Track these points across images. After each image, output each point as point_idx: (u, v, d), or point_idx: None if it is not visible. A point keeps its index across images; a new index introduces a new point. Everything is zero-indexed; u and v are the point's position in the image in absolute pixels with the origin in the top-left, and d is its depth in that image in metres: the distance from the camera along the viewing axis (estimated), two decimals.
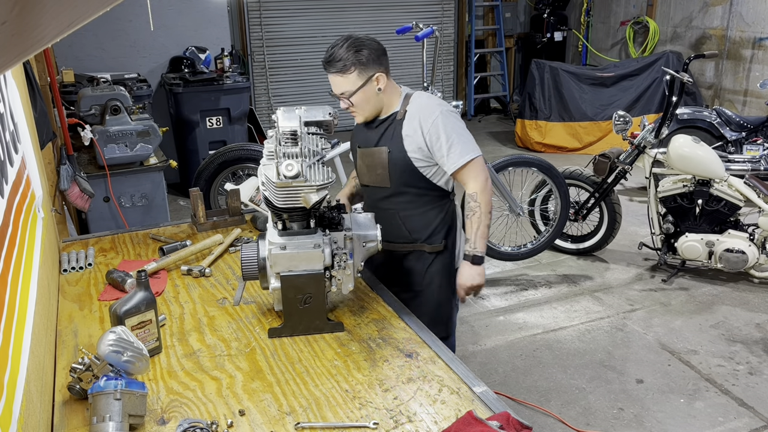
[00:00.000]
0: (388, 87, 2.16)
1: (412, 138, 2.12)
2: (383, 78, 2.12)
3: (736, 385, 3.16)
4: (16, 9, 0.49)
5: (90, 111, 3.76)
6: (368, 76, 2.09)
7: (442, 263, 2.33)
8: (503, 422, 1.38)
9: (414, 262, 2.31)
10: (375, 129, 2.22)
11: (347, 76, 2.08)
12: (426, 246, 2.28)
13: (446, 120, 2.12)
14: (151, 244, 2.49)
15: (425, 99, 2.18)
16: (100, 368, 1.43)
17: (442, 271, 2.33)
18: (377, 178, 2.23)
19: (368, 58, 2.08)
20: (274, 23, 7.71)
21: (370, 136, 2.23)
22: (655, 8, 7.66)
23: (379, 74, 2.11)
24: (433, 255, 2.30)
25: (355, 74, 2.08)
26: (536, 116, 7.22)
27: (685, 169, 4.03)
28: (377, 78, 2.11)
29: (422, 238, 2.28)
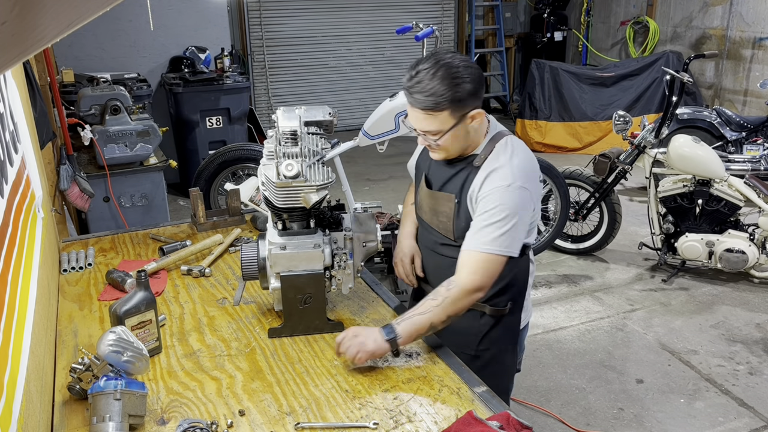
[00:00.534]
0: (480, 121, 1.75)
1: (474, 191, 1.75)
2: (480, 115, 1.72)
3: (736, 385, 3.16)
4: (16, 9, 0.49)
5: (90, 111, 3.76)
6: (463, 113, 1.68)
7: (505, 329, 1.92)
8: (503, 422, 1.38)
9: (470, 321, 1.88)
10: (446, 167, 1.84)
11: (437, 115, 1.67)
12: (487, 307, 1.86)
13: (508, 196, 1.68)
14: (151, 244, 2.49)
15: (507, 157, 1.74)
16: (100, 368, 1.43)
17: (504, 338, 1.93)
18: (440, 224, 1.87)
19: (467, 92, 1.66)
20: (274, 23, 7.71)
21: (439, 173, 1.87)
22: (655, 8, 7.66)
23: (476, 112, 1.70)
24: (494, 320, 1.89)
25: (447, 113, 1.67)
26: (536, 116, 7.22)
27: (685, 169, 4.03)
28: (473, 116, 1.70)
29: (484, 297, 1.80)
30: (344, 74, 8.24)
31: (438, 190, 1.86)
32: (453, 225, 1.82)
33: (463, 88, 1.65)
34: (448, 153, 1.78)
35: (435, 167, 1.89)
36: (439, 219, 1.87)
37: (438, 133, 1.71)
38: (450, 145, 1.74)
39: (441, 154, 1.79)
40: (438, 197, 1.85)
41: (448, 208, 1.82)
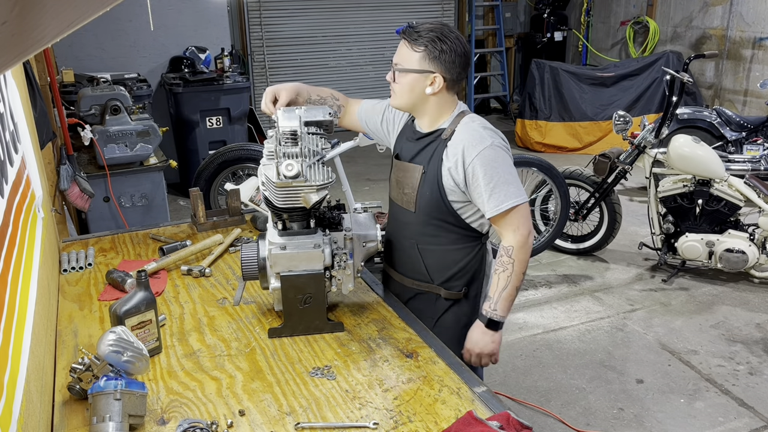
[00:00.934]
0: (441, 97, 1.87)
1: (452, 165, 1.85)
2: (440, 83, 1.83)
3: (736, 385, 3.16)
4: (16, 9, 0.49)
5: (90, 111, 3.77)
6: (428, 69, 1.82)
7: (459, 314, 2.00)
8: (503, 422, 1.38)
9: (424, 304, 2.01)
10: (416, 141, 1.95)
11: (412, 52, 1.81)
12: (442, 290, 1.98)
13: (495, 154, 1.82)
14: (151, 244, 2.49)
15: (477, 125, 1.88)
16: (100, 368, 1.43)
17: (457, 324, 2.00)
18: (404, 197, 1.97)
19: (443, 55, 1.80)
20: (274, 23, 7.71)
21: (409, 148, 1.98)
22: (655, 8, 7.66)
23: (439, 77, 1.82)
24: (449, 303, 1.99)
25: (419, 56, 1.81)
26: (536, 116, 7.22)
27: (685, 169, 4.03)
28: (435, 78, 1.83)
29: (440, 279, 1.97)
30: (344, 74, 8.24)
31: (408, 162, 1.96)
32: (416, 195, 1.92)
33: (442, 48, 1.80)
34: (400, 100, 1.90)
35: (407, 143, 2.00)
36: (403, 191, 1.97)
37: (404, 71, 1.84)
38: (404, 91, 1.87)
39: (394, 98, 1.92)
40: (405, 168, 1.96)
41: (414, 179, 1.92)
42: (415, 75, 1.84)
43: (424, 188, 1.90)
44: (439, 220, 1.92)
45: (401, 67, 1.85)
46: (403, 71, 1.85)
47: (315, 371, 1.64)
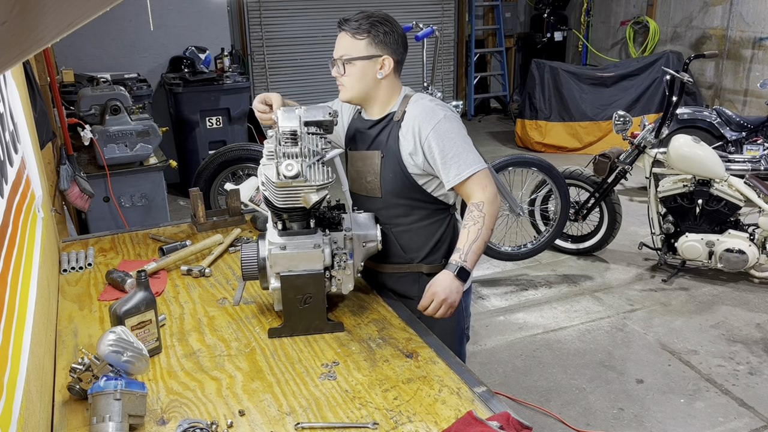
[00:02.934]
0: (390, 81, 1.94)
1: (409, 144, 1.91)
2: (390, 65, 1.90)
3: (736, 385, 3.16)
4: (16, 9, 0.49)
5: (90, 111, 3.77)
6: (376, 53, 1.88)
7: None
8: (503, 422, 1.38)
9: (409, 285, 2.04)
10: (368, 130, 2.01)
11: (356, 41, 1.86)
12: (423, 266, 2.02)
13: (449, 126, 1.88)
14: (151, 244, 2.49)
15: (427, 101, 1.94)
16: (100, 368, 1.43)
17: None
18: (367, 186, 2.01)
19: (387, 37, 1.88)
20: (274, 23, 7.71)
21: (363, 138, 2.02)
22: (655, 8, 7.66)
23: (388, 58, 1.89)
24: (431, 277, 1.96)
25: (364, 43, 1.86)
26: (536, 116, 7.22)
27: (685, 169, 4.03)
28: (384, 61, 1.89)
29: (419, 257, 2.02)
30: None
31: (365, 150, 2.00)
32: (380, 180, 1.97)
33: (383, 29, 1.87)
34: (353, 91, 1.94)
35: (359, 134, 2.04)
36: (366, 180, 2.01)
37: (350, 60, 1.88)
38: (356, 80, 1.91)
39: (345, 91, 1.95)
40: (363, 156, 2.00)
41: (375, 165, 1.97)
42: (365, 62, 1.88)
43: (386, 172, 1.96)
44: (407, 198, 1.98)
45: (349, 56, 1.89)
46: (351, 60, 1.89)
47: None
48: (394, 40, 1.90)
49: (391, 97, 1.98)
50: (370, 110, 2.02)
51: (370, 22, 1.86)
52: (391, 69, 1.92)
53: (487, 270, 4.50)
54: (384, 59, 1.90)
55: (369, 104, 2.00)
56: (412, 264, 2.04)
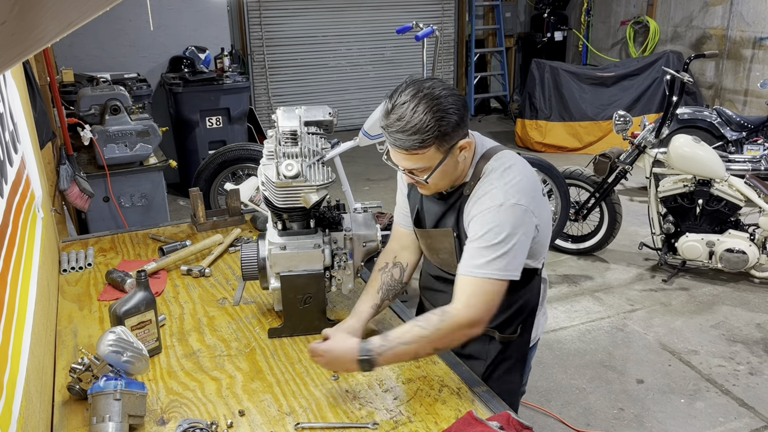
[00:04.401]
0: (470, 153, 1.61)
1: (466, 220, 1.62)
2: (469, 145, 1.58)
3: (736, 386, 3.16)
4: (16, 9, 0.49)
5: (90, 111, 3.76)
6: (450, 146, 1.54)
7: (513, 351, 1.82)
8: (503, 422, 1.37)
9: (479, 346, 1.80)
10: (438, 201, 1.72)
11: (423, 153, 1.52)
12: (496, 333, 1.78)
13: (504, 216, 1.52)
14: (151, 244, 2.49)
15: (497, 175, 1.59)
16: (100, 368, 1.43)
17: (512, 358, 1.82)
18: (442, 261, 1.78)
19: (453, 125, 1.51)
20: (274, 23, 7.71)
21: (431, 209, 1.75)
22: (656, 8, 7.66)
23: (465, 141, 1.56)
24: (503, 345, 1.80)
25: (433, 149, 1.51)
26: (536, 116, 7.22)
27: (686, 169, 4.03)
28: (461, 146, 1.56)
29: (494, 323, 1.72)
30: (344, 74, 8.24)
31: (433, 228, 1.74)
32: (456, 257, 1.68)
33: (448, 120, 1.49)
34: (438, 189, 1.65)
35: (426, 204, 1.76)
36: (440, 256, 1.77)
37: (425, 171, 1.56)
38: (439, 181, 1.60)
39: (430, 190, 1.66)
40: (434, 235, 1.73)
41: (448, 243, 1.70)
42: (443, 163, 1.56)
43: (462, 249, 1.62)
44: None
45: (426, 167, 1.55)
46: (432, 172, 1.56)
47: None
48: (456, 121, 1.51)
49: (467, 166, 1.65)
50: None
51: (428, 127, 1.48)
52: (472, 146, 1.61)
53: None
54: (459, 146, 1.55)
55: None
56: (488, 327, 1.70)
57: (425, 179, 1.57)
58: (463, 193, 1.64)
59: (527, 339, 1.83)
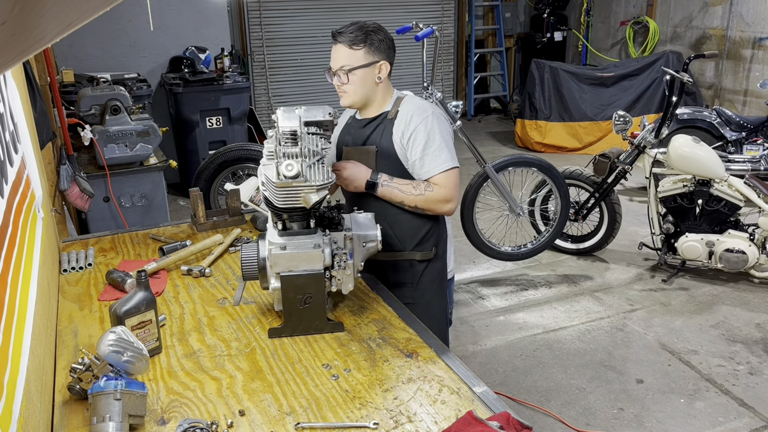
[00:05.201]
0: (385, 83, 2.12)
1: (400, 136, 2.08)
2: (386, 69, 2.08)
3: (736, 385, 3.16)
4: (16, 9, 0.49)
5: (90, 111, 3.76)
6: (374, 60, 2.05)
7: (434, 272, 2.24)
8: (503, 422, 1.38)
9: (403, 272, 2.21)
10: (363, 128, 2.17)
11: (354, 51, 2.02)
12: (416, 254, 2.19)
13: (436, 122, 2.06)
14: (151, 244, 2.49)
15: (419, 100, 2.14)
16: (100, 368, 1.43)
17: (434, 282, 2.25)
18: None
19: (381, 44, 2.04)
20: (274, 23, 7.71)
21: (357, 136, 2.18)
22: (655, 8, 7.66)
23: (384, 63, 2.07)
24: (424, 264, 2.22)
25: (362, 52, 2.02)
26: (536, 116, 7.22)
27: (685, 169, 4.03)
28: (381, 66, 2.06)
29: (412, 245, 2.19)
30: None
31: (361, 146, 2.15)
32: None
33: (377, 37, 2.03)
34: (355, 96, 2.08)
35: (350, 134, 2.20)
36: None
37: (350, 68, 2.02)
38: (358, 87, 2.06)
39: (348, 97, 2.09)
40: (358, 151, 2.14)
41: (370, 158, 2.11)
42: (365, 69, 2.04)
43: (381, 164, 2.10)
44: None
45: (350, 66, 2.03)
46: (353, 69, 2.03)
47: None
48: (387, 46, 2.06)
49: (386, 98, 2.14)
50: (366, 111, 2.18)
51: (364, 32, 2.02)
52: (388, 72, 2.09)
53: (487, 270, 4.50)
54: (381, 65, 2.06)
55: (367, 106, 2.16)
56: (405, 252, 2.19)
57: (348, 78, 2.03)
58: (387, 118, 2.11)
59: (443, 264, 2.28)
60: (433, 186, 2.06)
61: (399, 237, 2.18)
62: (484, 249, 4.26)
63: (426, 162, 2.06)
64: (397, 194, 2.08)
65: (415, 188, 2.07)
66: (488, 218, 4.46)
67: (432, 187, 2.06)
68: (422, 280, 2.23)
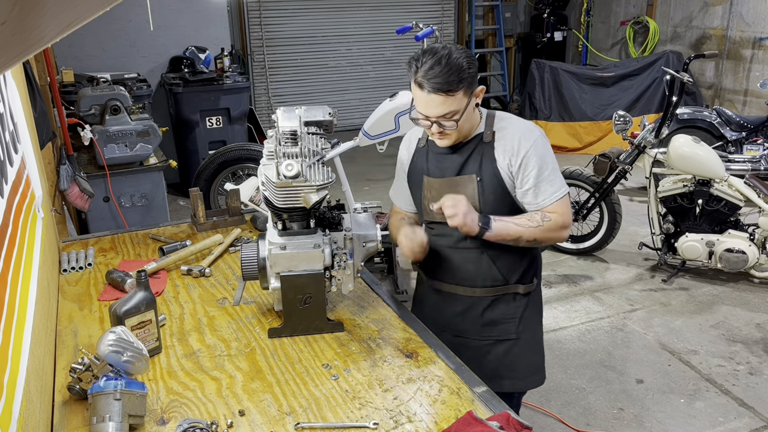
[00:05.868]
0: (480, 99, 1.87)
1: (506, 161, 1.83)
2: (482, 91, 1.84)
3: (736, 386, 3.16)
4: (16, 9, 0.49)
5: (90, 111, 3.76)
6: (471, 91, 1.78)
7: (535, 304, 2.03)
8: (503, 422, 1.38)
9: (507, 306, 1.97)
10: (452, 155, 1.89)
11: (453, 97, 1.74)
12: (520, 287, 1.96)
13: (546, 144, 1.84)
14: (151, 244, 2.49)
15: (519, 120, 1.89)
16: (100, 368, 1.43)
17: (534, 313, 2.04)
18: None
19: (472, 72, 1.77)
20: (274, 23, 7.71)
21: (447, 164, 1.90)
22: (655, 8, 7.66)
23: (480, 88, 1.82)
24: (527, 297, 1.99)
25: (461, 93, 1.75)
26: (536, 116, 7.22)
27: (685, 169, 4.03)
28: (477, 93, 1.81)
29: (515, 278, 1.95)
30: (344, 74, 8.24)
31: (455, 176, 1.88)
32: (480, 204, 1.86)
33: (469, 71, 1.75)
34: (459, 135, 1.84)
35: (439, 160, 1.92)
36: None
37: (455, 113, 1.77)
38: (463, 126, 1.81)
39: (451, 139, 1.84)
40: (457, 182, 1.88)
41: (471, 189, 1.86)
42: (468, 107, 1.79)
43: (487, 195, 1.85)
44: None
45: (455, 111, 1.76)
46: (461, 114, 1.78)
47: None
48: (476, 69, 1.79)
49: (477, 118, 1.89)
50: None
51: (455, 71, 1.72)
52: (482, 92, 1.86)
53: None
54: (477, 92, 1.82)
55: None
56: (508, 285, 1.96)
57: (457, 120, 1.77)
58: (483, 141, 1.86)
59: (540, 293, 2.08)
60: (549, 215, 1.83)
61: (500, 269, 1.94)
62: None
63: (542, 190, 1.83)
64: (513, 229, 1.82)
65: (530, 220, 1.83)
66: None
67: (549, 216, 1.83)
68: (525, 315, 2.00)
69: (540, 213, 1.84)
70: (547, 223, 1.83)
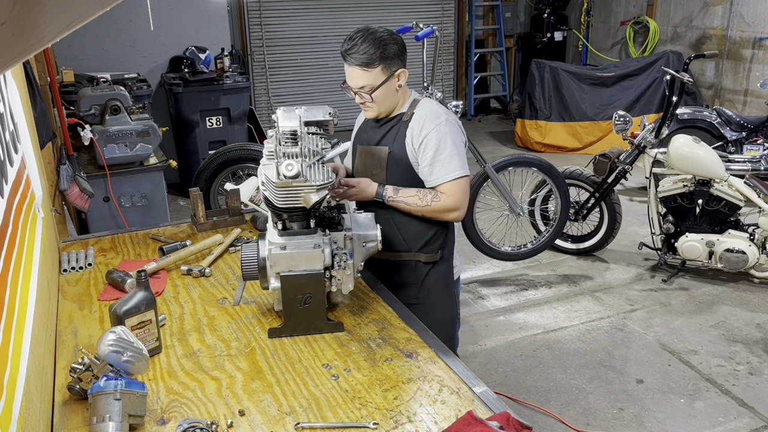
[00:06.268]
0: (404, 87, 2.11)
1: (413, 140, 2.07)
2: (405, 75, 2.07)
3: (736, 386, 3.16)
4: (16, 9, 0.49)
5: (90, 111, 3.76)
6: (392, 71, 2.03)
7: (439, 274, 2.25)
8: (503, 422, 1.38)
9: (409, 272, 2.22)
10: (378, 128, 2.17)
11: (371, 71, 1.99)
12: (422, 255, 2.20)
13: (448, 129, 2.05)
14: (151, 244, 2.49)
15: (434, 105, 2.12)
16: (100, 368, 1.43)
17: (439, 284, 2.25)
18: (373, 178, 2.15)
19: (394, 53, 2.01)
20: (274, 23, 7.71)
21: (372, 135, 2.18)
22: (655, 8, 7.66)
23: (402, 70, 2.05)
24: (429, 266, 2.22)
25: (379, 69, 1.99)
26: (536, 116, 7.22)
27: (686, 169, 4.03)
28: (399, 74, 2.05)
29: (418, 246, 2.19)
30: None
31: (374, 146, 2.16)
32: (386, 172, 2.13)
33: (390, 48, 1.99)
34: (380, 109, 2.09)
35: (366, 134, 2.21)
36: (372, 173, 2.15)
37: (372, 89, 2.02)
38: (382, 101, 2.06)
39: (373, 111, 2.10)
40: (371, 151, 2.16)
41: (381, 158, 2.13)
42: (385, 84, 2.03)
43: (392, 165, 2.11)
44: None
45: (371, 86, 2.02)
46: (375, 89, 2.02)
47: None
48: (400, 51, 2.03)
49: (404, 101, 2.14)
50: None
51: (376, 47, 1.96)
52: (406, 77, 2.08)
53: (487, 270, 4.50)
54: (399, 73, 2.05)
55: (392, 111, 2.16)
56: (411, 252, 2.19)
57: (370, 93, 2.02)
58: (402, 120, 2.11)
59: (450, 265, 2.28)
60: (440, 195, 2.06)
61: (405, 238, 2.18)
62: (484, 249, 4.26)
63: (435, 169, 2.05)
64: (403, 207, 2.09)
65: (421, 199, 2.07)
66: (488, 218, 4.46)
67: (439, 197, 2.06)
68: (426, 281, 2.23)
69: (432, 192, 2.08)
70: (435, 203, 2.07)
